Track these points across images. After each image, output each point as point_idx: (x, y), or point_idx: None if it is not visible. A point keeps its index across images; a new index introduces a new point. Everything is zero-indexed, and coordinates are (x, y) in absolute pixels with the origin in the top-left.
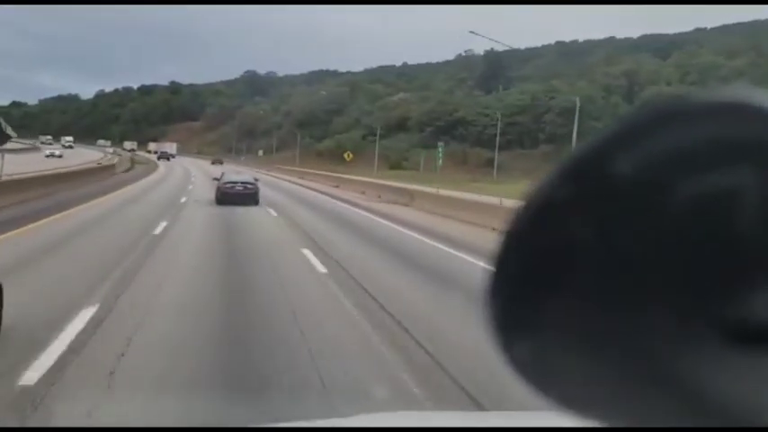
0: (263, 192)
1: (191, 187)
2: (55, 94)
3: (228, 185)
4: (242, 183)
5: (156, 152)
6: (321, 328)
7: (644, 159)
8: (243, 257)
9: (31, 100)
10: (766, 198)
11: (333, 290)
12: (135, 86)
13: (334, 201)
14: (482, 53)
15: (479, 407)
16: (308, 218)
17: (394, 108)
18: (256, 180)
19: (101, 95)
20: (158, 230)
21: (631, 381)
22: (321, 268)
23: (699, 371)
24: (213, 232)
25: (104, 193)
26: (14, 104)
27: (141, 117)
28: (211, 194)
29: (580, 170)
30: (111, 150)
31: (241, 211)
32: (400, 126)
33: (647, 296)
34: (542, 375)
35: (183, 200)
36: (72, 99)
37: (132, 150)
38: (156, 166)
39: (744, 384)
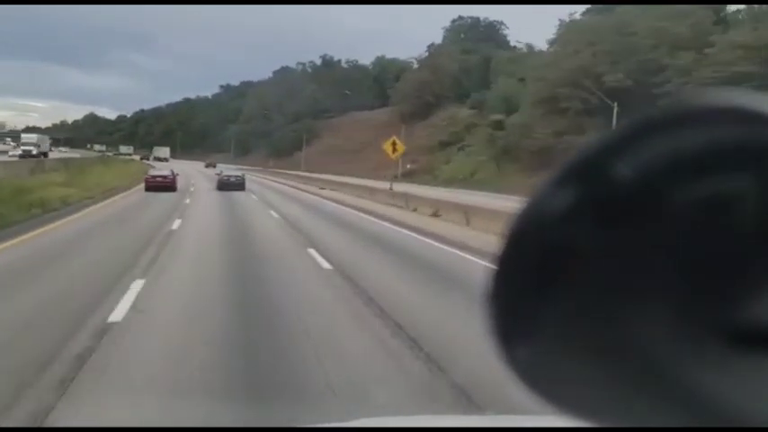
0: None
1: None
2: (180, 98)
3: (225, 177)
4: (234, 176)
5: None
6: None
7: (645, 163)
8: None
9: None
10: (766, 202)
11: None
12: (270, 74)
13: None
14: None
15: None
16: None
17: None
18: (243, 174)
19: (226, 87)
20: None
21: (632, 384)
22: None
23: (699, 373)
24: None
25: None
26: (139, 111)
27: (276, 108)
28: None
29: (581, 173)
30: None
31: None
32: None
33: (648, 299)
34: (543, 379)
35: None
36: (197, 101)
37: (128, 155)
38: None
39: (744, 386)
